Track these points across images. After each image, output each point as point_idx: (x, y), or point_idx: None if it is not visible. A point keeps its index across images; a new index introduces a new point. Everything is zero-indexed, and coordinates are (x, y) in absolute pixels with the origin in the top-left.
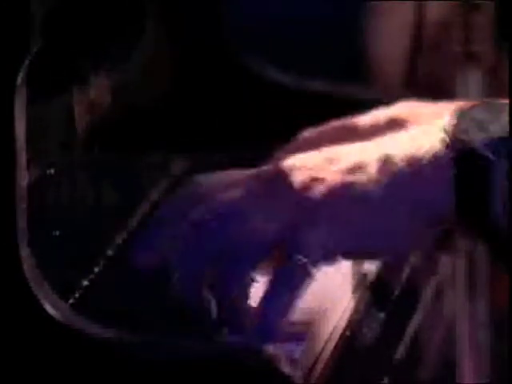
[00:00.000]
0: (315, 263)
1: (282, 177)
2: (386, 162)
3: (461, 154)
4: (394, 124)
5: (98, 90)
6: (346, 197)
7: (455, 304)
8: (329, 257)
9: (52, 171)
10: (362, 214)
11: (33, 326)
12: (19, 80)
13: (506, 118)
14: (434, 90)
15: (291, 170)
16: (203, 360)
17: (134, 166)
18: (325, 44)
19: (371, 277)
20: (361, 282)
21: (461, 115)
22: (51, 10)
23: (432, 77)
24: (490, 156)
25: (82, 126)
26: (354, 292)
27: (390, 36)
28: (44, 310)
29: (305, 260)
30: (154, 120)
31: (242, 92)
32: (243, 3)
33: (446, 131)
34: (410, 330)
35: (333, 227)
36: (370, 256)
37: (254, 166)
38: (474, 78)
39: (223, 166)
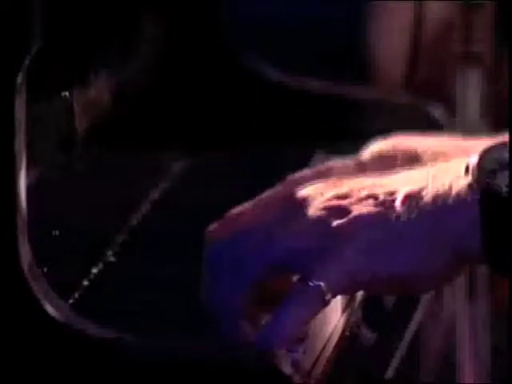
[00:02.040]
0: (334, 292)
1: (308, 200)
2: (411, 196)
3: (486, 196)
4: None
5: (98, 89)
6: (371, 227)
7: (455, 304)
8: (351, 286)
9: (52, 171)
10: (387, 246)
11: (33, 326)
12: (19, 80)
13: None
14: (433, 90)
15: (317, 194)
16: (203, 360)
17: (134, 166)
18: (325, 44)
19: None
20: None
21: (484, 155)
22: (51, 10)
23: (432, 77)
24: None
25: (82, 126)
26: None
27: (389, 36)
28: (44, 310)
29: (324, 287)
30: (154, 120)
31: (242, 92)
32: (243, 3)
33: (469, 171)
34: (410, 330)
35: (357, 255)
36: (391, 289)
37: (253, 166)
38: (474, 78)
39: (223, 166)
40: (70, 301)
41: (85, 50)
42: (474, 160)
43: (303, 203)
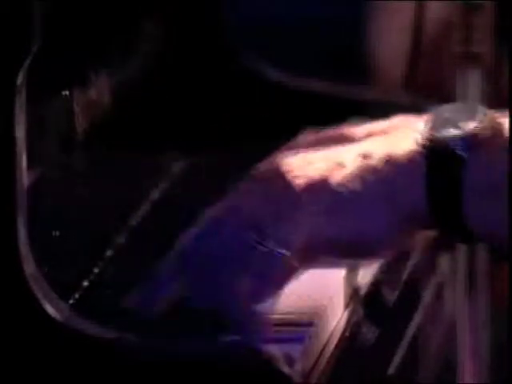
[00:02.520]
0: (297, 257)
1: (266, 178)
2: (364, 158)
3: (433, 152)
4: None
5: (98, 89)
6: (324, 190)
7: (455, 304)
8: (310, 251)
9: (52, 171)
10: (341, 207)
11: (33, 326)
12: (19, 80)
13: (480, 116)
14: (433, 90)
15: (275, 172)
16: (203, 360)
17: (134, 166)
18: (325, 44)
19: (364, 290)
20: (353, 296)
21: (435, 115)
22: (51, 11)
23: (432, 77)
24: (462, 153)
25: (82, 126)
26: (346, 307)
27: (389, 36)
28: (44, 310)
29: (287, 253)
30: (154, 120)
31: (242, 92)
32: (243, 3)
33: (419, 131)
34: (410, 330)
35: (312, 219)
36: (348, 253)
37: (253, 166)
38: (474, 79)
39: (223, 166)
40: (70, 301)
41: (85, 50)
42: (423, 120)
43: (265, 179)
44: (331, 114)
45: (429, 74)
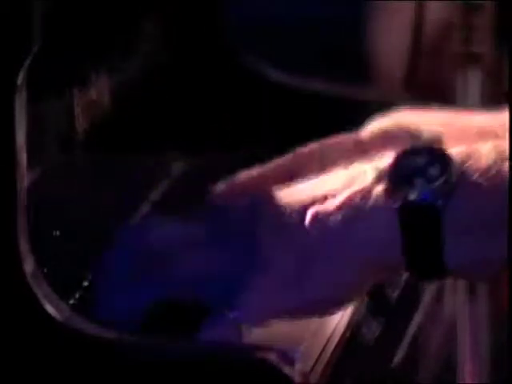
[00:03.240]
0: (250, 324)
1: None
2: (319, 214)
3: (404, 205)
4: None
5: (98, 89)
6: (282, 256)
7: (455, 304)
8: (266, 319)
9: (52, 171)
10: (298, 271)
11: (33, 326)
12: (19, 80)
13: (448, 162)
14: (434, 90)
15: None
16: (203, 360)
17: (134, 166)
18: (325, 44)
19: None
20: None
21: (401, 158)
22: (51, 11)
23: (432, 77)
24: (437, 204)
25: (82, 126)
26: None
27: (389, 36)
28: (44, 310)
29: (239, 319)
30: (154, 120)
31: (242, 92)
32: (243, 3)
33: (382, 177)
34: (410, 330)
35: (268, 290)
36: (308, 314)
37: (253, 166)
38: (474, 79)
39: (223, 167)
40: (71, 301)
41: (85, 50)
42: (386, 165)
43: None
44: (331, 114)
45: (429, 74)
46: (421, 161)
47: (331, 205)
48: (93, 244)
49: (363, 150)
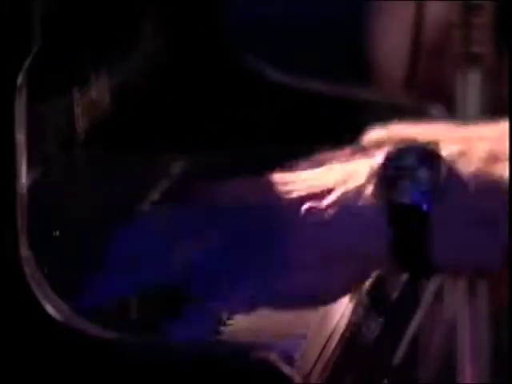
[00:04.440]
0: (232, 312)
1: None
2: (312, 210)
3: (393, 207)
4: None
5: (98, 89)
6: (273, 248)
7: (455, 304)
8: (249, 310)
9: (52, 171)
10: (284, 270)
11: (33, 326)
12: (19, 80)
13: (438, 166)
14: (433, 90)
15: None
16: (203, 360)
17: (134, 166)
18: (325, 44)
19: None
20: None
21: (392, 159)
22: (51, 11)
23: (432, 77)
24: (425, 207)
25: (82, 126)
26: (350, 300)
27: (390, 36)
28: (44, 311)
29: (222, 308)
30: (154, 120)
31: (242, 92)
32: (243, 3)
33: (373, 178)
34: (410, 330)
35: (256, 277)
36: (292, 307)
37: (253, 166)
38: (474, 79)
39: (223, 167)
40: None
41: (85, 50)
42: (377, 165)
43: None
44: (331, 114)
45: (429, 74)
46: (410, 161)
47: (326, 201)
48: (93, 244)
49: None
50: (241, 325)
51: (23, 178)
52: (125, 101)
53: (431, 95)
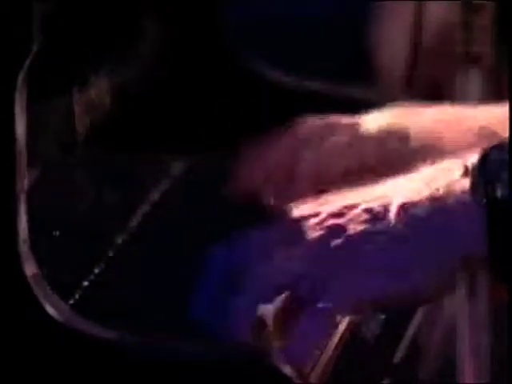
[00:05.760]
0: (343, 314)
1: (305, 222)
2: (406, 206)
3: (489, 200)
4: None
5: (98, 89)
6: (368, 246)
7: (455, 304)
8: (357, 307)
9: (52, 171)
10: (385, 261)
11: (33, 326)
12: (19, 80)
13: None
14: (434, 90)
15: (312, 214)
16: (203, 360)
17: (134, 166)
18: (325, 44)
19: None
20: None
21: (486, 155)
22: (52, 11)
23: (432, 77)
24: None
25: (82, 126)
26: None
27: (390, 36)
28: (44, 311)
29: (333, 310)
30: (153, 120)
31: (242, 92)
32: (243, 3)
33: (469, 173)
34: (410, 330)
35: (359, 277)
36: (399, 303)
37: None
38: (474, 79)
39: (223, 166)
40: (71, 301)
41: (85, 50)
42: (473, 161)
43: (299, 225)
44: (331, 114)
45: (429, 74)
46: (505, 156)
47: (418, 197)
48: (93, 244)
49: (354, 147)
50: None
51: (23, 177)
52: (125, 101)
53: (431, 95)
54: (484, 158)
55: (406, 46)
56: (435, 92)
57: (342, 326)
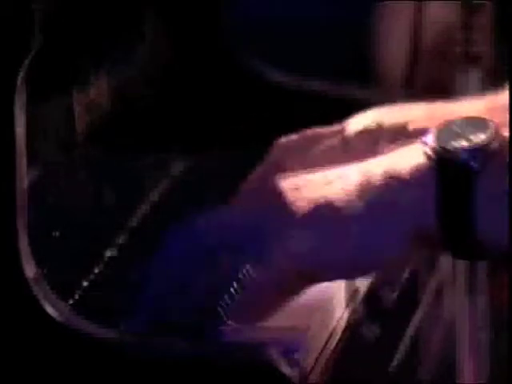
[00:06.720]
0: (288, 280)
1: (262, 199)
2: (365, 176)
3: (443, 164)
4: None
5: (98, 90)
6: (325, 213)
7: (455, 304)
8: (316, 275)
9: (52, 171)
10: (342, 229)
11: (33, 326)
12: (19, 80)
13: (488, 130)
14: (434, 90)
15: (272, 193)
16: (203, 360)
17: (134, 166)
18: (325, 44)
19: (364, 290)
20: (353, 296)
21: (443, 128)
22: (51, 10)
23: (432, 78)
24: (474, 165)
25: (81, 126)
26: (350, 300)
27: (390, 36)
28: (44, 311)
29: (276, 276)
30: (154, 120)
31: (242, 92)
32: (243, 3)
33: (427, 143)
34: (410, 330)
35: (316, 245)
36: (348, 275)
37: (253, 166)
38: (474, 79)
39: (223, 166)
40: (70, 301)
41: (85, 50)
42: (429, 133)
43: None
44: (331, 114)
45: (429, 74)
46: (463, 127)
47: (373, 175)
48: (93, 244)
49: (346, 150)
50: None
51: (23, 177)
52: (125, 101)
53: (431, 95)
54: (438, 130)
55: (406, 46)
56: (435, 92)
57: (342, 326)
